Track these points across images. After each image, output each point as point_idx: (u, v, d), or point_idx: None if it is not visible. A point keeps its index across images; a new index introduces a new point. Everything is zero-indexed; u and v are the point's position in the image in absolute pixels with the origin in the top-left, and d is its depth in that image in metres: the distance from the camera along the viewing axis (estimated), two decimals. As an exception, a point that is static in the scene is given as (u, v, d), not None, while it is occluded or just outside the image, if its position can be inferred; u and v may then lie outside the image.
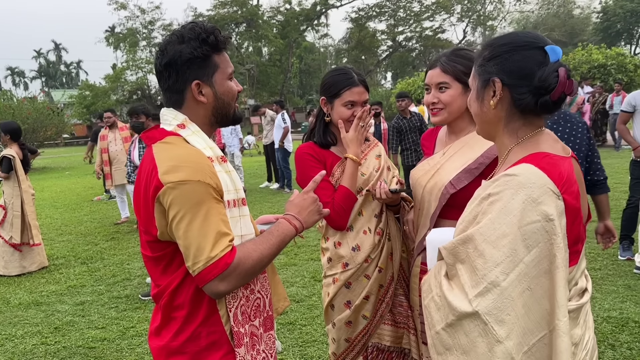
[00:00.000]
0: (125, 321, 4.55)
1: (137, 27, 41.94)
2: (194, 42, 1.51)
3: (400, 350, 2.34)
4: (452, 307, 1.30)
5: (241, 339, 1.52)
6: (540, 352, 1.27)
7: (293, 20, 43.49)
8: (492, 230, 1.26)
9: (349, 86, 2.23)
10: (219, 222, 1.42)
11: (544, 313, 1.26)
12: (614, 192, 8.40)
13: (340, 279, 2.26)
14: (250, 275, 1.48)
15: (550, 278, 1.26)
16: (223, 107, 1.59)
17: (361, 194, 2.25)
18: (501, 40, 1.41)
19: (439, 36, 46.12)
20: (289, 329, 4.18)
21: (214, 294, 1.44)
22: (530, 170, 1.28)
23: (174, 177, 1.39)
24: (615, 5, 44.63)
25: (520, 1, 48.18)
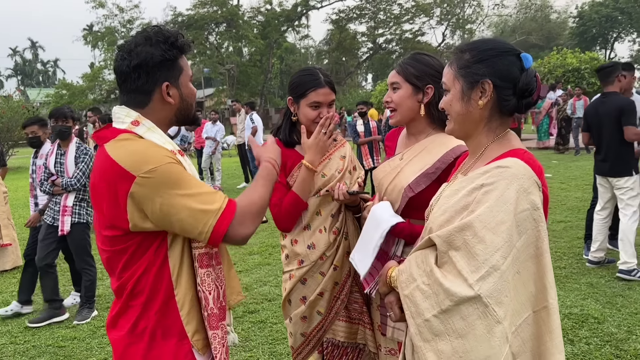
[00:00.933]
0: (96, 320, 4.55)
1: (116, 26, 41.49)
2: (163, 44, 1.55)
3: (355, 346, 2.39)
4: (449, 292, 1.33)
5: (217, 321, 1.59)
6: (524, 331, 1.36)
7: (274, 21, 43.43)
8: (491, 217, 1.34)
9: (314, 87, 2.26)
10: (204, 185, 1.52)
11: (529, 295, 1.37)
12: (584, 194, 8.62)
13: (295, 275, 2.31)
14: (261, 214, 1.59)
15: (537, 262, 1.37)
16: (186, 108, 1.65)
17: (320, 193, 2.29)
18: (484, 44, 1.52)
19: (419, 39, 46.47)
20: (259, 327, 4.23)
21: (239, 240, 1.52)
22: (519, 163, 1.40)
23: (143, 167, 1.43)
24: (590, 10, 45.54)
25: (499, 5, 48.90)
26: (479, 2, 48.45)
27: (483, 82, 1.47)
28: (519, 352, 1.35)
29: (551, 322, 1.37)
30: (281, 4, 43.86)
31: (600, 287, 4.65)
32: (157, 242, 1.52)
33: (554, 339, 1.36)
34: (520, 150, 1.48)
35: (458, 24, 47.87)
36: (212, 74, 43.17)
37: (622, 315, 4.02)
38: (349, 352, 2.40)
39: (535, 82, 1.48)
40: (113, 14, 40.56)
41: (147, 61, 1.53)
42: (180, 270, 1.55)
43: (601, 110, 5.01)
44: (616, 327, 3.84)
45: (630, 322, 3.91)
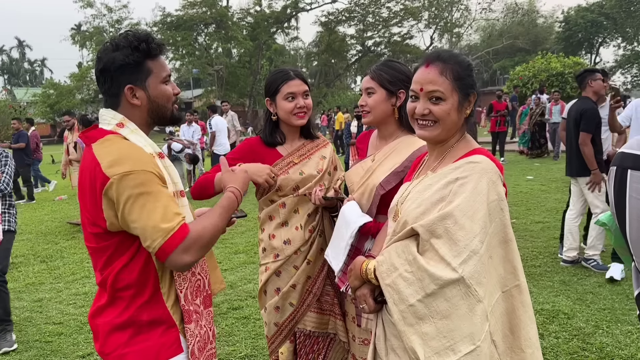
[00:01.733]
0: (83, 317, 4.64)
1: (104, 26, 41.27)
2: (126, 49, 1.62)
3: (325, 335, 2.53)
4: (435, 277, 1.46)
5: (191, 316, 1.68)
6: (496, 310, 1.53)
7: (263, 23, 43.43)
8: (469, 206, 1.50)
9: (285, 80, 2.42)
10: (169, 202, 1.55)
11: (499, 277, 1.54)
12: (563, 195, 8.82)
13: (271, 268, 2.45)
14: (209, 245, 1.61)
15: (505, 247, 1.55)
16: (158, 109, 1.71)
17: (297, 193, 2.42)
18: (463, 58, 1.67)
19: (407, 42, 46.75)
20: (243, 323, 4.35)
21: (179, 266, 1.55)
22: (486, 159, 1.59)
23: (118, 170, 1.50)
24: (576, 15, 46.10)
25: (486, 9, 49.33)
26: (467, 6, 48.87)
27: (473, 95, 1.66)
28: (493, 330, 1.50)
29: (523, 297, 1.55)
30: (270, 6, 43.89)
31: (572, 284, 4.83)
32: (138, 242, 1.58)
33: (527, 311, 1.55)
34: (482, 149, 1.66)
35: (446, 27, 48.24)
36: (200, 74, 43.11)
37: (591, 311, 4.20)
38: (320, 341, 2.53)
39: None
40: (101, 14, 40.36)
41: (108, 66, 1.62)
42: (164, 266, 1.63)
43: (570, 113, 5.31)
44: (584, 322, 4.01)
45: (598, 317, 4.08)
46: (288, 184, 2.42)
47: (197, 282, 1.74)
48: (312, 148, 2.54)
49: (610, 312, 4.15)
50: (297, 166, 2.45)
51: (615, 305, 4.29)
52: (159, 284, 1.63)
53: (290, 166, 2.45)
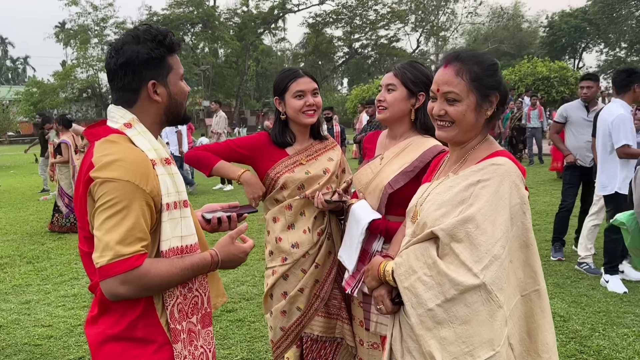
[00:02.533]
0: (72, 319, 4.54)
1: (89, 24, 40.86)
2: (150, 43, 1.55)
3: (332, 339, 2.49)
4: (455, 282, 1.44)
5: (178, 335, 1.56)
6: (514, 314, 1.51)
7: (250, 23, 43.36)
8: (491, 210, 1.47)
9: (294, 78, 2.40)
10: (138, 224, 1.44)
11: (518, 281, 1.51)
12: (551, 198, 8.90)
13: (278, 271, 2.40)
14: (152, 290, 1.49)
15: (526, 252, 1.52)
16: (175, 107, 1.65)
17: (304, 195, 2.38)
18: (487, 58, 1.64)
19: (394, 45, 47.02)
20: (237, 326, 4.29)
21: (109, 294, 1.44)
22: (509, 162, 1.56)
23: (104, 174, 1.43)
24: (560, 20, 46.70)
25: (472, 13, 49.80)
26: (453, 10, 49.35)
27: (494, 96, 1.61)
28: (510, 333, 1.48)
29: (542, 302, 1.53)
30: (258, 7, 43.84)
31: (566, 287, 4.85)
32: None
33: (545, 316, 1.53)
34: (504, 151, 1.64)
35: (432, 31, 48.59)
36: (187, 74, 42.81)
37: (586, 314, 4.21)
38: (327, 346, 2.49)
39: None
40: (86, 12, 39.95)
41: (132, 59, 1.54)
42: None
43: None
44: (580, 324, 4.02)
45: (594, 320, 4.09)
46: (293, 183, 2.38)
47: (193, 299, 1.62)
48: (321, 149, 2.50)
49: (606, 315, 4.17)
50: (303, 167, 2.41)
51: (609, 308, 4.31)
52: (153, 298, 1.54)
53: (296, 165, 2.42)
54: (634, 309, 4.28)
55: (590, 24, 44.68)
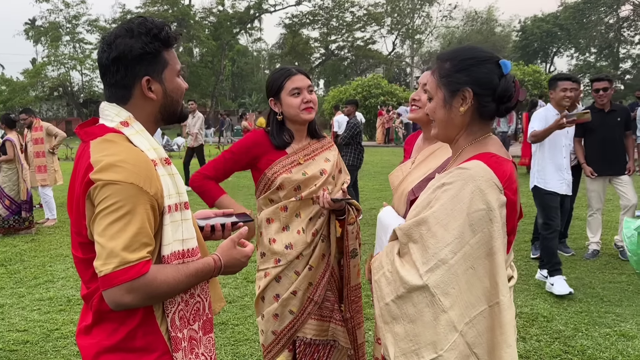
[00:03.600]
0: (49, 324, 4.40)
1: (60, 21, 40.09)
2: (145, 37, 1.46)
3: (326, 342, 2.45)
4: (403, 280, 1.46)
5: (179, 344, 1.50)
6: (480, 324, 1.45)
7: (226, 23, 43.11)
8: (444, 214, 1.44)
9: (288, 76, 2.36)
10: (143, 229, 1.37)
11: (484, 290, 1.45)
12: (529, 199, 9.01)
13: (271, 273, 2.36)
14: (159, 298, 1.43)
15: (491, 260, 1.45)
16: (171, 104, 1.56)
17: (301, 196, 2.34)
18: (464, 54, 1.59)
19: (370, 47, 47.28)
20: (221, 329, 4.21)
21: (113, 304, 1.37)
22: (480, 165, 1.48)
23: (106, 176, 1.35)
24: (533, 25, 47.59)
25: (447, 17, 50.42)
26: (428, 14, 49.94)
27: (463, 90, 1.55)
28: (474, 343, 1.44)
29: (502, 317, 1.44)
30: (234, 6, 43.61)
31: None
32: None
33: (503, 332, 1.44)
34: (489, 154, 1.55)
35: (408, 33, 49.05)
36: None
37: (569, 314, 4.26)
38: (320, 349, 2.45)
39: (514, 87, 1.56)
40: (58, 9, 39.23)
41: (125, 54, 1.45)
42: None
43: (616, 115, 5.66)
44: (564, 324, 4.06)
45: (576, 320, 4.14)
46: (290, 184, 2.34)
47: (195, 304, 1.55)
48: (318, 149, 2.47)
49: (588, 315, 4.22)
50: (301, 167, 2.37)
51: (591, 308, 4.37)
52: (153, 305, 1.46)
53: (293, 165, 2.37)
54: (615, 308, 4.35)
55: (562, 29, 45.62)
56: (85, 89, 43.25)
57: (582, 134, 5.71)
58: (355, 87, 27.28)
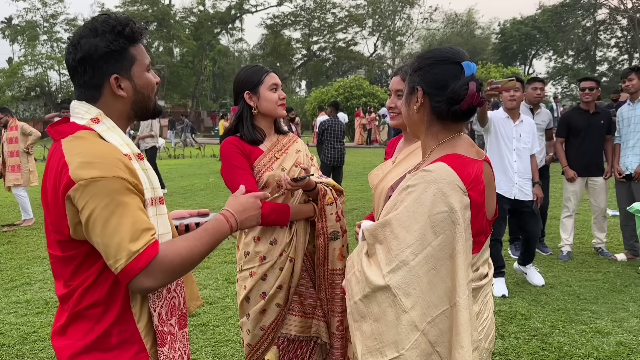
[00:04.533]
0: (26, 326, 4.33)
1: (38, 20, 39.48)
2: (109, 35, 1.45)
3: (309, 339, 2.47)
4: (369, 280, 1.49)
5: (165, 338, 1.51)
6: (442, 323, 1.47)
7: (207, 23, 42.88)
8: (406, 216, 1.46)
9: (267, 72, 2.42)
10: (139, 216, 1.38)
11: (446, 290, 1.47)
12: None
13: (258, 273, 2.36)
14: (180, 272, 1.44)
15: (452, 262, 1.46)
16: (143, 100, 1.56)
17: (283, 191, 2.36)
18: (427, 54, 1.63)
19: (352, 48, 47.41)
20: (201, 330, 4.19)
21: (140, 291, 1.40)
22: (443, 168, 1.48)
23: (86, 174, 1.34)
24: (512, 28, 48.19)
25: (427, 19, 50.83)
26: (409, 16, 50.31)
27: (416, 89, 1.60)
28: (436, 341, 1.46)
29: (458, 317, 1.45)
30: (215, 6, 43.38)
31: (526, 285, 4.97)
32: None
33: (458, 333, 1.45)
34: (454, 155, 1.55)
35: (389, 35, 49.33)
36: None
37: (546, 312, 4.33)
38: (303, 346, 2.47)
39: (466, 91, 1.52)
40: (35, 8, 38.59)
41: (91, 54, 1.44)
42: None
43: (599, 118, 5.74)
44: (541, 322, 4.13)
45: (554, 317, 4.21)
46: (274, 181, 2.36)
47: (172, 299, 1.56)
48: (287, 143, 2.51)
49: (564, 313, 4.30)
50: (279, 161, 2.40)
51: (567, 305, 4.45)
52: (130, 302, 1.46)
53: (272, 162, 2.39)
54: (590, 306, 4.43)
55: (540, 31, 46.28)
56: (63, 89, 42.62)
57: (565, 135, 5.80)
58: (337, 88, 27.35)
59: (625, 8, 41.05)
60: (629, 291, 4.77)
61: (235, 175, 2.31)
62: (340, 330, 2.41)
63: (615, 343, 3.72)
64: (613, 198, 6.31)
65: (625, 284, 4.94)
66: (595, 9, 42.86)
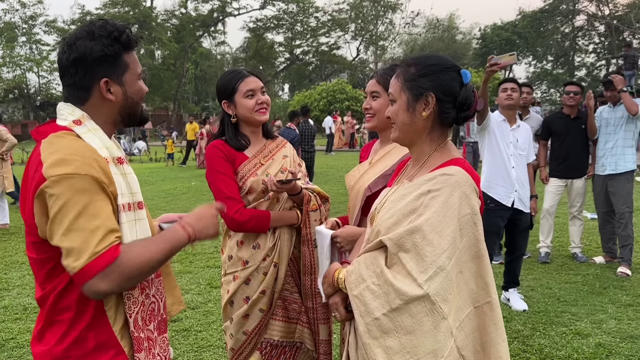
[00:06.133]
0: (4, 333, 4.25)
1: (16, 22, 38.89)
2: (105, 39, 1.47)
3: (292, 344, 2.45)
4: (400, 292, 1.43)
5: (141, 344, 1.50)
6: (467, 326, 1.49)
7: (189, 25, 42.67)
8: (438, 221, 1.46)
9: (241, 78, 2.36)
10: (107, 216, 1.37)
11: (470, 292, 1.49)
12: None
13: (240, 277, 2.35)
14: (136, 278, 1.41)
15: (478, 263, 1.49)
16: (131, 107, 1.57)
17: (269, 196, 2.35)
18: (430, 60, 1.64)
19: (335, 52, 47.55)
20: (183, 335, 4.16)
21: (94, 294, 1.36)
22: (461, 171, 1.53)
23: (58, 170, 1.33)
24: (492, 33, 48.75)
25: (409, 24, 51.22)
26: (392, 20, 50.60)
27: (427, 95, 1.59)
28: (462, 345, 1.47)
29: (495, 314, 1.50)
30: (197, 9, 43.19)
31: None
32: None
33: (498, 329, 1.50)
34: (460, 159, 1.61)
35: (371, 40, 49.59)
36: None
37: (527, 314, 4.38)
38: (287, 351, 2.45)
39: (473, 97, 1.62)
40: (14, 9, 38.02)
41: (85, 56, 1.46)
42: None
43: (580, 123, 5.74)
44: (522, 324, 4.18)
45: (534, 320, 4.26)
46: (258, 187, 2.34)
47: (150, 305, 1.55)
48: (274, 148, 2.49)
49: (545, 315, 4.35)
50: (264, 167, 2.38)
51: (548, 308, 4.51)
52: (104, 306, 1.45)
53: (257, 168, 2.38)
54: (570, 308, 4.49)
55: (520, 37, 46.88)
56: (43, 91, 42.04)
57: (547, 138, 5.90)
58: (320, 91, 27.41)
59: (602, 15, 41.89)
60: (608, 293, 4.84)
61: (218, 180, 2.31)
62: (330, 336, 2.42)
63: (595, 344, 3.77)
64: (591, 201, 6.41)
65: (603, 286, 5.02)
66: (574, 15, 43.62)
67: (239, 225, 2.27)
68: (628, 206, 5.44)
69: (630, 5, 39.39)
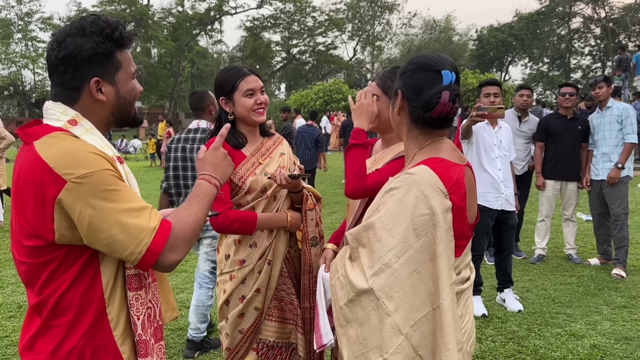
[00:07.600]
0: (-4, 332, 4.23)
1: (12, 18, 38.71)
2: (96, 36, 1.40)
3: (288, 345, 2.45)
4: (352, 284, 1.49)
5: (148, 348, 1.45)
6: (425, 326, 1.47)
7: (185, 24, 42.59)
8: (389, 219, 1.47)
9: (242, 77, 2.34)
10: (140, 200, 1.38)
11: (428, 293, 1.47)
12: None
13: (237, 276, 2.34)
14: (193, 239, 1.45)
15: (434, 265, 1.46)
16: (124, 107, 1.50)
17: (266, 195, 2.34)
18: (413, 59, 1.67)
19: (331, 52, 47.56)
20: (179, 335, 4.15)
21: (169, 267, 1.39)
22: (425, 171, 1.51)
23: (77, 172, 1.28)
24: (489, 35, 48.86)
25: (406, 25, 51.28)
26: (388, 21, 50.68)
27: (397, 93, 1.65)
28: (419, 345, 1.46)
29: (443, 320, 1.45)
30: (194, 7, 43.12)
31: (502, 290, 5.03)
32: (88, 254, 1.37)
33: (443, 336, 1.45)
34: (437, 159, 1.57)
35: (368, 40, 49.62)
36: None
37: (522, 315, 4.39)
38: (283, 352, 2.45)
39: (438, 100, 1.54)
40: (9, 5, 37.85)
41: (75, 54, 1.38)
42: (114, 285, 1.41)
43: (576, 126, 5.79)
44: (517, 325, 4.18)
45: (529, 320, 4.27)
46: (257, 186, 2.33)
47: (147, 311, 1.48)
48: (271, 146, 2.47)
49: (540, 316, 4.36)
50: (262, 166, 2.37)
51: (543, 309, 4.52)
52: (106, 308, 1.39)
53: (255, 167, 2.37)
54: (565, 309, 4.51)
55: (516, 39, 46.99)
56: (38, 88, 41.85)
57: (543, 139, 5.87)
58: (317, 91, 27.37)
59: (598, 17, 42.04)
60: (603, 295, 4.86)
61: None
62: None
63: (590, 346, 3.78)
64: (586, 203, 6.43)
65: (598, 288, 5.04)
66: (570, 17, 43.77)
67: (222, 228, 2.26)
68: (624, 208, 5.46)
69: (625, 8, 39.56)
